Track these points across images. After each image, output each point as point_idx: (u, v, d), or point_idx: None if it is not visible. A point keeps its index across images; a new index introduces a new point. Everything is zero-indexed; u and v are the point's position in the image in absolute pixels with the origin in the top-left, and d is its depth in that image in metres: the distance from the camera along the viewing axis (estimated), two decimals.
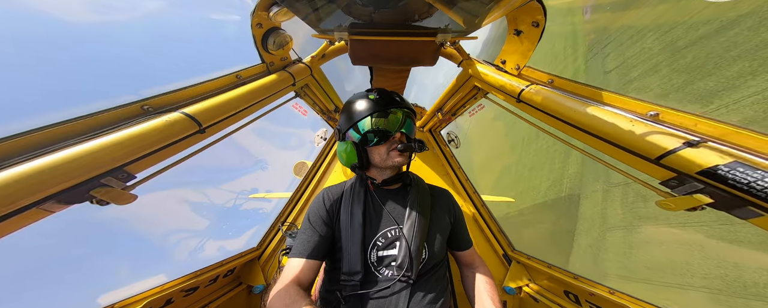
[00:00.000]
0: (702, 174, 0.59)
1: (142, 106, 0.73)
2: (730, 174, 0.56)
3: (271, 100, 1.14)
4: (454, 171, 2.06)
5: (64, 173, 0.53)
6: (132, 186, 0.67)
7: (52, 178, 0.52)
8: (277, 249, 1.89)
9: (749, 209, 0.56)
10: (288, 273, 0.85)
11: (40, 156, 0.53)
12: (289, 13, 1.02)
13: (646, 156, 0.69)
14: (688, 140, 0.63)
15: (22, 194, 0.49)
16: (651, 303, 1.05)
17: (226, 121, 0.90)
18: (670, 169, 0.66)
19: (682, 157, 0.62)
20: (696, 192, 0.62)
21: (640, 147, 0.69)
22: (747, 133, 0.61)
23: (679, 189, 0.66)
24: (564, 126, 0.89)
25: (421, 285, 0.87)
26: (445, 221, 1.03)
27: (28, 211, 0.52)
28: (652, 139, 0.67)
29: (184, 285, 1.23)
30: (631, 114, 0.77)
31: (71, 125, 0.62)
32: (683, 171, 0.63)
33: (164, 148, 0.70)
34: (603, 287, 1.19)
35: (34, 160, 0.51)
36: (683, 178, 0.64)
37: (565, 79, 0.97)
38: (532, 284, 1.59)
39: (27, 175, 0.49)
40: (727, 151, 0.59)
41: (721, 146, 0.62)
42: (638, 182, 0.80)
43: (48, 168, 0.51)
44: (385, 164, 0.97)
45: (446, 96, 1.68)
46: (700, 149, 0.61)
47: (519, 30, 0.99)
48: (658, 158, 0.65)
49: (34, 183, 0.50)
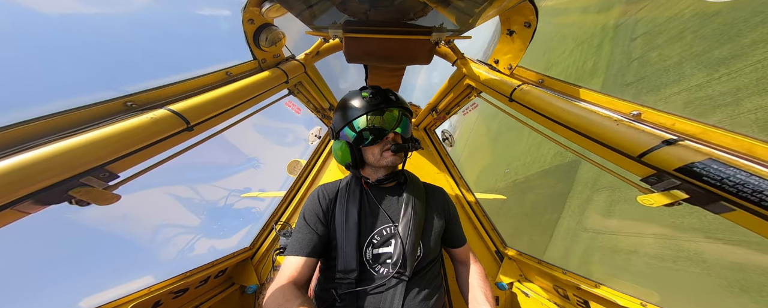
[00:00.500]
0: (679, 171, 0.62)
1: (126, 102, 0.70)
2: (704, 171, 0.58)
3: (263, 98, 1.11)
4: (448, 169, 2.07)
5: (41, 172, 0.50)
6: (114, 185, 0.65)
7: (28, 178, 0.49)
8: (270, 248, 1.86)
9: (722, 204, 0.59)
10: (284, 271, 0.85)
11: (15, 153, 0.50)
12: (282, 10, 0.99)
13: (628, 154, 0.71)
14: (667, 139, 0.65)
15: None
16: (632, 295, 1.09)
17: (215, 119, 0.88)
18: (650, 166, 0.68)
19: (661, 155, 0.64)
20: (673, 189, 0.65)
21: (623, 145, 0.71)
22: (722, 132, 0.64)
23: (657, 185, 0.69)
24: (554, 125, 0.91)
25: (416, 282, 0.88)
26: (440, 219, 1.04)
27: (2, 212, 0.49)
28: (635, 137, 0.69)
29: (173, 286, 1.20)
30: (616, 113, 0.80)
31: (49, 121, 0.59)
32: (662, 168, 0.65)
33: (149, 145, 0.68)
34: (589, 281, 1.23)
35: (7, 159, 0.49)
36: (662, 175, 0.67)
37: (554, 79, 0.98)
38: (524, 279, 1.63)
39: (1, 174, 0.47)
40: (702, 149, 0.62)
41: (697, 144, 0.64)
42: (622, 179, 0.82)
43: (23, 167, 0.49)
44: (379, 164, 0.97)
45: (440, 95, 1.68)
46: (677, 147, 0.63)
47: (511, 30, 1.00)
48: (640, 156, 0.68)
49: (8, 182, 0.47)
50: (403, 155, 0.99)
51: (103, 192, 0.61)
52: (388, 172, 1.00)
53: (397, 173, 1.03)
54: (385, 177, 0.99)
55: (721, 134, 0.64)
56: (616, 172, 0.83)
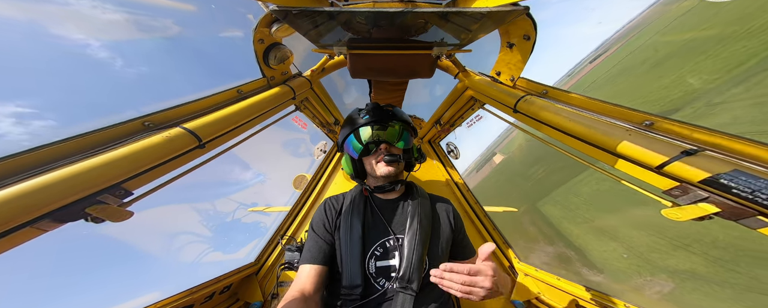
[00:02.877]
0: (704, 183, 0.58)
1: (144, 121, 0.74)
2: (732, 182, 0.55)
3: (271, 114, 1.15)
4: (454, 182, 2.04)
5: (60, 191, 0.52)
6: (128, 202, 0.66)
7: (48, 197, 0.51)
8: (275, 264, 1.83)
9: (758, 219, 0.55)
10: (295, 282, 0.86)
11: (37, 175, 0.52)
12: (289, 29, 1.05)
13: (646, 165, 0.68)
14: (686, 149, 0.62)
15: (16, 213, 0.48)
16: None
17: (226, 136, 0.91)
18: (672, 178, 0.65)
19: (683, 166, 0.61)
20: (700, 201, 0.61)
21: (638, 156, 0.69)
22: (743, 142, 0.61)
23: (683, 198, 0.65)
24: (562, 136, 0.90)
25: (424, 297, 0.85)
26: (446, 231, 1.02)
27: (22, 230, 0.50)
28: (650, 148, 0.67)
29: (178, 303, 1.18)
30: (626, 123, 0.78)
31: (73, 142, 0.62)
32: (685, 179, 0.62)
33: (163, 163, 0.70)
34: (617, 301, 1.15)
35: (29, 180, 0.51)
36: (686, 187, 0.63)
37: (558, 90, 0.98)
38: (542, 296, 1.54)
39: (21, 195, 0.49)
40: (726, 160, 0.59)
41: (719, 154, 0.61)
42: (642, 192, 0.78)
43: (43, 187, 0.51)
44: (375, 174, 0.99)
45: (444, 107, 1.70)
46: (699, 157, 0.60)
47: (511, 43, 1.02)
48: (659, 167, 0.65)
49: (29, 202, 0.49)
50: (399, 165, 1.00)
51: (117, 209, 0.62)
52: (385, 182, 1.01)
53: (396, 183, 1.03)
54: (383, 186, 1.00)
55: (743, 144, 0.61)
56: (634, 185, 0.79)
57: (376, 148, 0.97)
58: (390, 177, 0.98)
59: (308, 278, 0.85)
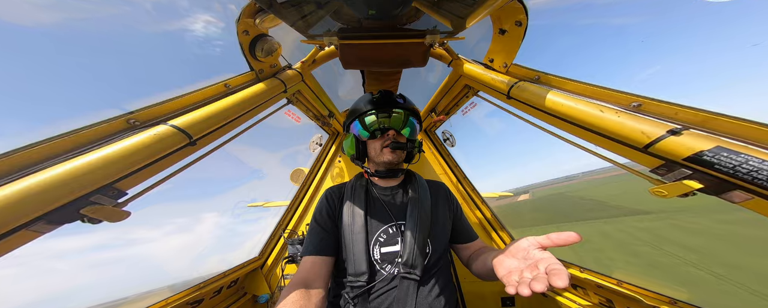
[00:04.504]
0: (688, 160, 0.61)
1: (128, 119, 0.72)
2: (714, 158, 0.57)
3: (262, 108, 1.13)
4: (451, 169, 2.07)
5: (52, 193, 0.52)
6: (124, 202, 0.66)
7: (41, 199, 0.51)
8: (279, 257, 1.87)
9: (738, 193, 0.58)
10: (297, 274, 0.85)
11: (26, 176, 0.52)
12: (276, 20, 1.01)
13: (634, 146, 0.70)
14: (672, 128, 0.64)
15: (10, 216, 0.47)
16: (659, 293, 1.04)
17: (217, 132, 0.89)
18: (658, 157, 0.67)
19: (668, 145, 0.63)
20: (685, 178, 0.64)
21: (627, 136, 0.70)
22: (725, 119, 0.63)
23: (668, 175, 0.68)
24: (554, 120, 0.91)
25: (427, 281, 0.88)
26: (445, 215, 1.04)
27: (18, 233, 0.50)
28: (638, 128, 0.68)
29: (189, 298, 1.21)
30: (615, 105, 0.79)
31: (56, 142, 0.60)
32: (670, 158, 0.64)
33: (154, 162, 0.69)
34: (610, 278, 1.19)
35: (19, 181, 0.50)
36: (671, 165, 0.66)
37: (551, 75, 0.98)
38: None
39: (13, 197, 0.48)
40: (708, 137, 0.61)
41: (703, 132, 0.63)
42: (630, 171, 0.81)
43: (34, 189, 0.50)
44: (378, 159, 1.00)
45: (438, 96, 1.69)
46: (683, 136, 0.62)
47: (503, 29, 1.01)
48: (646, 147, 0.67)
49: (22, 204, 0.49)
50: (402, 154, 1.01)
51: (113, 209, 0.62)
52: (385, 168, 1.02)
53: (397, 171, 1.05)
54: (382, 172, 1.02)
55: (725, 121, 0.63)
56: (623, 165, 0.82)
57: (382, 134, 0.99)
58: (392, 164, 0.99)
59: (312, 269, 0.85)
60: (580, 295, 1.37)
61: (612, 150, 0.79)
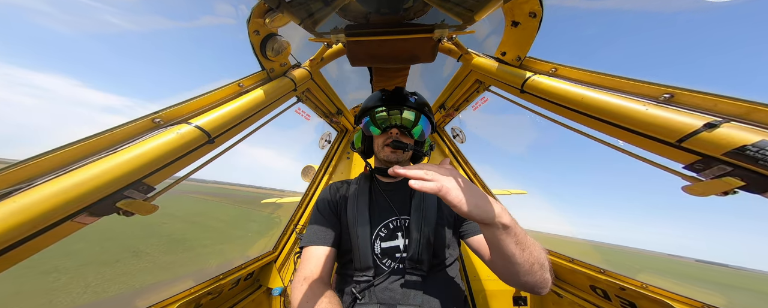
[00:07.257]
0: (729, 156, 0.56)
1: (153, 118, 0.76)
2: (759, 153, 0.52)
3: (274, 107, 1.16)
4: (461, 166, 2.05)
5: (92, 187, 0.56)
6: (152, 197, 0.71)
7: (82, 193, 0.55)
8: (292, 251, 1.93)
9: None
10: (304, 266, 0.86)
11: (67, 172, 0.57)
12: (284, 19, 1.03)
13: (665, 140, 0.66)
14: (709, 121, 0.58)
15: (57, 209, 0.52)
16: (689, 298, 1.00)
17: (233, 130, 0.93)
18: (693, 153, 0.62)
19: (705, 139, 0.58)
20: (724, 175, 0.58)
21: (657, 130, 0.65)
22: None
23: (705, 172, 0.62)
24: (573, 114, 0.87)
25: (434, 275, 0.87)
26: (450, 209, 1.03)
27: (64, 224, 0.56)
28: (670, 121, 0.63)
29: (210, 288, 1.29)
30: (643, 97, 0.74)
31: (93, 142, 0.65)
32: (708, 153, 0.59)
33: (178, 159, 0.74)
34: (634, 281, 1.14)
35: (63, 177, 0.55)
36: (709, 161, 0.60)
37: (568, 67, 0.95)
38: (554, 280, 1.58)
39: (60, 191, 0.53)
40: (753, 130, 0.55)
41: (747, 124, 0.57)
42: (660, 167, 0.75)
43: (77, 184, 0.55)
44: (379, 156, 1.02)
45: (448, 91, 1.67)
46: (724, 129, 0.57)
47: (516, 21, 0.98)
48: (679, 141, 0.62)
49: (67, 198, 0.54)
50: (404, 154, 0.99)
51: (144, 203, 0.67)
52: (386, 165, 1.01)
53: None
54: (384, 168, 1.02)
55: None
56: (652, 161, 0.76)
57: (387, 131, 0.99)
58: (390, 163, 0.98)
59: (318, 261, 0.86)
60: (599, 298, 1.33)
61: (639, 145, 0.73)
